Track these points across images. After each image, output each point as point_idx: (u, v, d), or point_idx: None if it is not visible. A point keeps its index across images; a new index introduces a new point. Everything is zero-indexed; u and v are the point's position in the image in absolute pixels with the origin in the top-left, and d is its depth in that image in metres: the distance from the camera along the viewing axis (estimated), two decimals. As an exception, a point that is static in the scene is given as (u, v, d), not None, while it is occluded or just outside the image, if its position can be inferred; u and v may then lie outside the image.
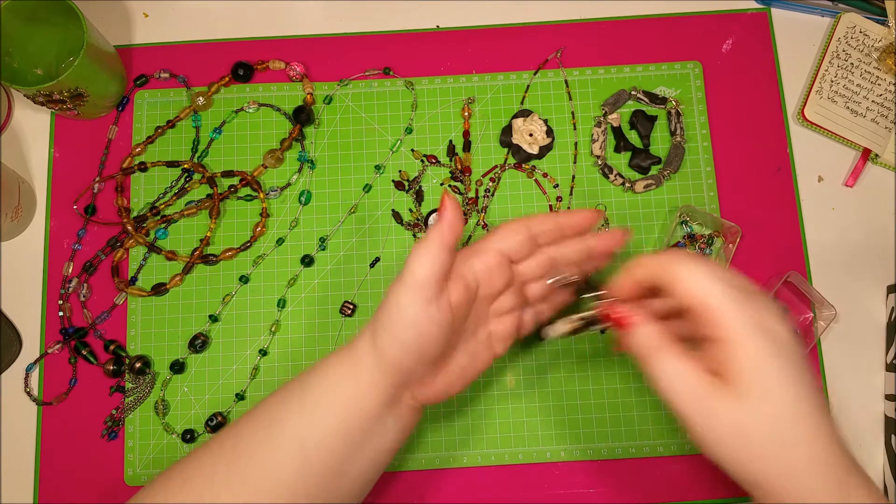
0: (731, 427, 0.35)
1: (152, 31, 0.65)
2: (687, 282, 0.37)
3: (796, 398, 0.35)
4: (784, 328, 0.36)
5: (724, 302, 0.36)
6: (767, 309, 0.36)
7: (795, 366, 0.35)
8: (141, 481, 0.57)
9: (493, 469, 0.57)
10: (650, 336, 0.38)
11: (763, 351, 0.35)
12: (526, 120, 0.62)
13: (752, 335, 0.35)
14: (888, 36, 0.63)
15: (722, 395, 0.35)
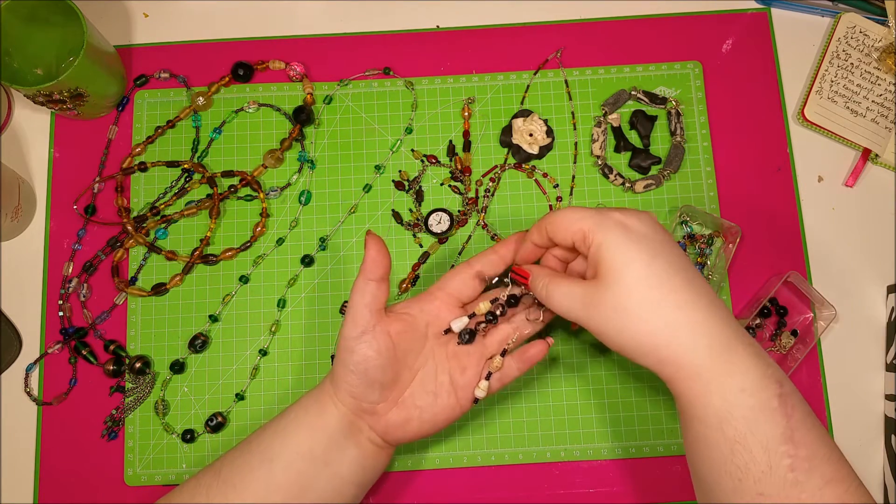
0: (612, 310, 0.42)
1: (152, 31, 0.65)
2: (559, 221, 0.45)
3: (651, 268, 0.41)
4: (640, 224, 0.42)
5: (587, 218, 0.43)
6: (625, 213, 0.43)
7: (649, 249, 0.41)
8: (141, 481, 0.57)
9: (493, 469, 0.57)
10: (542, 275, 0.46)
11: (616, 243, 0.42)
12: (526, 120, 0.62)
13: (608, 233, 0.42)
14: (888, 36, 0.63)
15: (598, 288, 0.42)
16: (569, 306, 0.44)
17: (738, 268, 0.60)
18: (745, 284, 0.60)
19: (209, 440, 0.57)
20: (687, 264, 0.42)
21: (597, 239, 0.42)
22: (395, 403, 0.48)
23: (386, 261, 0.48)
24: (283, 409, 0.58)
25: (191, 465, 0.57)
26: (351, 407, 0.48)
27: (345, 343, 0.47)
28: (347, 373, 0.47)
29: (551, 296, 0.45)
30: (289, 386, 0.58)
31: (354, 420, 0.48)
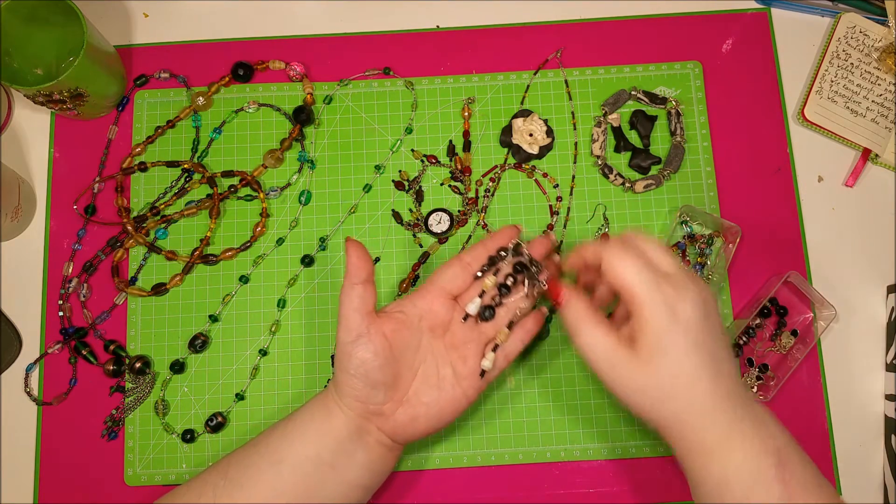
0: (634, 384, 0.43)
1: (152, 31, 0.65)
2: (613, 268, 0.44)
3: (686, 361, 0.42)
4: (691, 308, 0.43)
5: (638, 284, 0.43)
6: (676, 290, 0.43)
7: (691, 337, 0.42)
8: (141, 481, 0.57)
9: (493, 469, 0.57)
10: (577, 309, 0.46)
11: (663, 325, 0.42)
12: (526, 120, 0.62)
13: (656, 312, 0.43)
14: (888, 36, 0.63)
15: (630, 358, 0.43)
16: (593, 354, 0.44)
17: (738, 268, 0.60)
18: (745, 284, 0.60)
19: (209, 440, 0.57)
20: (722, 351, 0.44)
21: (643, 312, 0.43)
22: (401, 402, 0.48)
23: (368, 264, 0.48)
24: (283, 408, 0.58)
25: (191, 465, 0.57)
26: (357, 410, 0.48)
27: (341, 349, 0.47)
28: (349, 377, 0.47)
29: (579, 333, 0.45)
30: (289, 386, 0.58)
31: (362, 423, 0.48)
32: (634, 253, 0.44)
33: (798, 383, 0.58)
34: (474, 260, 0.51)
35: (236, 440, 0.57)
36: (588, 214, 0.61)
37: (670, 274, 0.44)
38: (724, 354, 0.44)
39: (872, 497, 0.57)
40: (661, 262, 0.45)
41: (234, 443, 0.57)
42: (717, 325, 0.45)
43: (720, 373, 0.43)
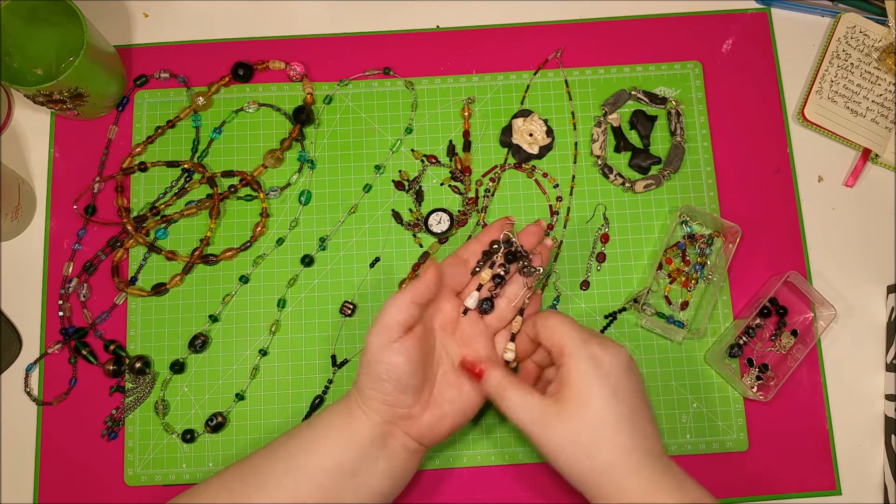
0: (563, 435, 0.44)
1: (152, 31, 0.65)
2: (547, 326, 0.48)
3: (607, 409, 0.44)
4: (611, 359, 0.45)
5: (567, 338, 0.46)
6: (602, 346, 0.46)
7: (612, 388, 0.45)
8: (141, 481, 0.57)
9: (493, 469, 0.57)
10: (498, 377, 0.48)
11: (587, 373, 0.45)
12: (526, 120, 0.62)
13: (581, 361, 0.45)
14: (888, 36, 0.63)
15: (555, 412, 0.45)
16: (523, 417, 0.46)
17: (738, 268, 0.60)
18: (745, 284, 0.60)
19: (209, 440, 0.57)
20: (641, 407, 0.46)
21: (570, 362, 0.46)
22: (428, 404, 0.49)
23: (435, 291, 0.49)
24: (283, 408, 0.58)
25: (191, 465, 0.57)
26: (384, 415, 0.48)
27: (373, 353, 0.47)
28: (379, 382, 0.47)
29: (507, 400, 0.47)
30: (289, 386, 0.58)
31: (387, 428, 0.48)
32: (564, 317, 0.48)
33: (798, 383, 0.58)
34: (471, 256, 0.53)
35: (236, 440, 0.57)
36: (588, 214, 0.61)
37: (595, 334, 0.48)
38: (645, 412, 0.46)
39: (872, 497, 0.57)
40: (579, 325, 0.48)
41: (234, 443, 0.57)
42: (637, 384, 0.47)
43: (641, 427, 0.45)
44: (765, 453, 0.57)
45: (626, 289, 0.60)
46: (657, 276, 0.59)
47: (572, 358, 0.46)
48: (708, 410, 0.58)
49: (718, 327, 0.59)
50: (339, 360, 0.59)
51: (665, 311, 0.59)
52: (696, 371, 0.58)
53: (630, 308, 0.59)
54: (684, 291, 0.59)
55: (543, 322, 0.48)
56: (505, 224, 0.54)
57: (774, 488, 0.56)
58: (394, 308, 0.47)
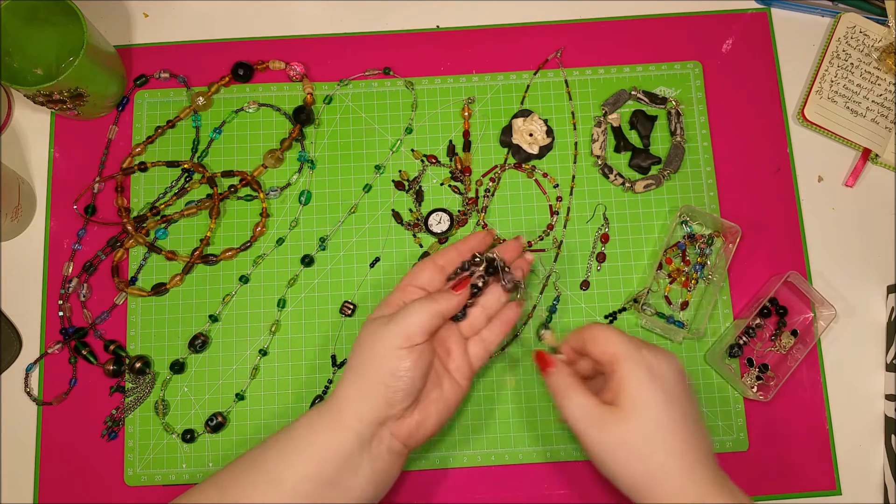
0: (616, 439, 0.45)
1: (152, 31, 0.65)
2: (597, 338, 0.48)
3: (662, 413, 0.45)
4: (664, 366, 0.46)
5: (621, 347, 0.47)
6: (654, 354, 0.47)
7: (666, 392, 0.46)
8: (141, 481, 0.57)
9: (493, 469, 0.57)
10: (561, 376, 0.49)
11: (641, 380, 0.46)
12: (526, 120, 0.62)
13: (636, 368, 0.46)
14: (888, 36, 0.63)
15: (610, 415, 0.46)
16: (580, 417, 0.47)
17: (738, 268, 0.60)
18: (745, 284, 0.60)
19: (209, 440, 0.57)
20: (694, 413, 0.47)
21: (624, 368, 0.46)
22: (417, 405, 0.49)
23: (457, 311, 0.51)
24: (283, 408, 0.58)
25: (191, 465, 0.57)
26: (376, 417, 0.47)
27: (387, 355, 0.47)
28: (390, 384, 0.47)
29: (567, 399, 0.48)
30: (289, 386, 0.58)
31: (375, 431, 0.47)
32: (613, 327, 0.49)
33: (798, 383, 0.58)
34: (448, 263, 0.53)
35: (236, 440, 0.57)
36: (588, 214, 0.61)
37: (646, 342, 0.49)
38: (696, 416, 0.47)
39: (872, 497, 0.57)
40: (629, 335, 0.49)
41: (234, 443, 0.57)
42: (689, 389, 0.48)
43: (694, 431, 0.46)
44: (765, 453, 0.57)
45: (626, 289, 0.60)
46: (657, 276, 0.59)
47: (627, 364, 0.46)
48: (708, 410, 0.58)
49: (718, 327, 0.59)
50: (339, 360, 0.59)
51: (665, 311, 0.59)
52: (696, 371, 0.58)
53: (630, 308, 0.59)
54: (684, 291, 0.59)
55: (592, 333, 0.49)
56: (485, 237, 0.54)
57: (774, 488, 0.57)
58: (423, 314, 0.48)
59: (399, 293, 0.51)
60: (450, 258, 0.53)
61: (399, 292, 0.51)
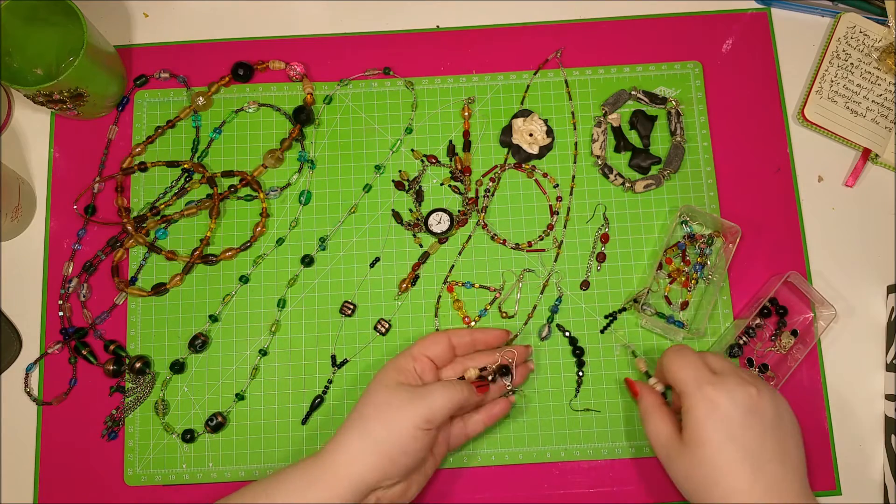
0: (679, 470, 0.48)
1: (152, 31, 0.65)
2: (668, 365, 0.50)
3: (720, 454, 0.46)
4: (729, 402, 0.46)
5: (685, 378, 0.48)
6: (719, 388, 0.47)
7: (727, 431, 0.46)
8: (141, 481, 0.57)
9: (493, 469, 0.57)
10: (647, 402, 0.52)
11: (701, 417, 0.47)
12: (526, 120, 0.62)
13: (697, 404, 0.47)
14: (888, 36, 0.63)
15: (677, 448, 0.48)
16: (654, 443, 0.50)
17: (738, 268, 0.60)
18: (745, 284, 0.60)
19: (209, 440, 0.57)
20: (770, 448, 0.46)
21: (687, 403, 0.48)
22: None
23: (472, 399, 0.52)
24: (283, 408, 0.57)
25: (191, 465, 0.57)
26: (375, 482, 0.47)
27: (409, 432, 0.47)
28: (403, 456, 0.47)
29: (647, 424, 0.51)
30: (289, 386, 0.58)
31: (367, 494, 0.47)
32: (688, 354, 0.50)
33: (798, 383, 0.58)
34: (461, 346, 0.54)
35: (236, 440, 0.57)
36: (588, 214, 0.61)
37: (717, 372, 0.49)
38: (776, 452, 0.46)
39: (872, 497, 0.57)
40: (713, 363, 0.50)
41: (234, 443, 0.57)
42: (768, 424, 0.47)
43: (762, 470, 0.46)
44: (765, 453, 0.57)
45: (626, 289, 0.60)
46: (657, 276, 0.59)
47: (689, 400, 0.47)
48: (708, 410, 0.58)
49: (718, 327, 0.59)
50: (339, 360, 0.59)
51: (665, 311, 0.59)
52: (696, 371, 0.58)
53: (630, 308, 0.59)
54: (684, 291, 0.59)
55: (667, 360, 0.50)
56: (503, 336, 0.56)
57: (774, 488, 0.56)
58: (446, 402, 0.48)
59: (410, 360, 0.52)
60: (464, 342, 0.54)
61: (410, 359, 0.52)
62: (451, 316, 0.59)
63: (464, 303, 0.60)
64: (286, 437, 0.57)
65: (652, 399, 0.52)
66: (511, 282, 0.60)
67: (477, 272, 0.60)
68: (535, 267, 0.60)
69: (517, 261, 0.60)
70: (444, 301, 0.60)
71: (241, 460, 0.57)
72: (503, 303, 0.60)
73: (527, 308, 0.59)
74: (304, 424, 0.58)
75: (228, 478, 0.57)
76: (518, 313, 0.59)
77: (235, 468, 0.57)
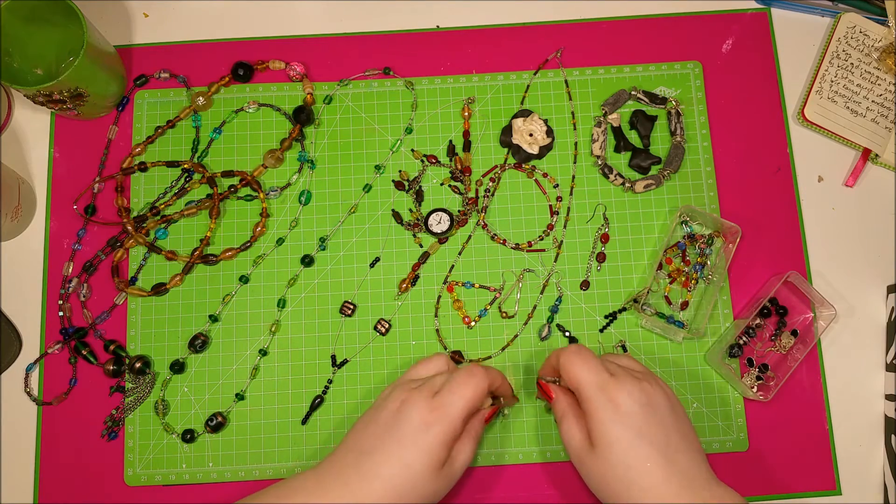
0: (594, 474, 0.47)
1: (152, 31, 0.65)
2: (567, 369, 0.48)
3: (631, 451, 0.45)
4: (630, 399, 0.46)
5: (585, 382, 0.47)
6: (619, 387, 0.46)
7: (635, 429, 0.45)
8: (141, 481, 0.57)
9: (493, 469, 0.57)
10: (559, 405, 0.51)
11: (606, 418, 0.46)
12: (526, 120, 0.62)
13: (600, 406, 0.46)
14: (888, 36, 0.63)
15: (588, 452, 0.47)
16: (569, 448, 0.49)
17: (738, 268, 0.60)
18: (745, 284, 0.60)
19: (209, 440, 0.57)
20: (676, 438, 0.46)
21: (589, 407, 0.47)
22: None
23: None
24: (283, 408, 0.57)
25: (191, 465, 0.57)
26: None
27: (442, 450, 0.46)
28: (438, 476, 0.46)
29: (561, 428, 0.50)
30: (289, 386, 0.58)
31: None
32: (586, 355, 0.49)
33: (798, 383, 0.58)
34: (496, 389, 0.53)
35: (236, 440, 0.57)
36: (588, 214, 0.61)
37: (615, 372, 0.48)
38: (680, 443, 0.46)
39: (872, 497, 0.57)
40: (608, 365, 0.49)
41: (234, 443, 0.57)
42: (666, 418, 0.47)
43: (673, 461, 0.45)
44: (765, 453, 0.57)
45: (626, 289, 0.60)
46: (657, 276, 0.59)
47: (591, 403, 0.47)
48: (708, 410, 0.58)
49: (718, 327, 0.59)
50: (339, 360, 0.59)
51: (665, 311, 0.59)
52: (696, 371, 0.58)
53: (630, 308, 0.59)
54: (684, 291, 0.59)
55: (565, 362, 0.49)
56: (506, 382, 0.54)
57: (774, 488, 0.57)
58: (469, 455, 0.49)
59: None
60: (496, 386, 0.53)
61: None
62: (451, 316, 0.59)
63: (464, 303, 0.60)
64: (286, 437, 0.57)
65: (565, 401, 0.50)
66: (511, 282, 0.60)
67: (477, 272, 0.60)
68: (535, 267, 0.60)
69: (517, 261, 0.60)
70: (444, 301, 0.60)
71: (241, 460, 0.57)
72: (503, 303, 0.60)
73: (527, 308, 0.59)
74: (304, 424, 0.58)
75: (228, 478, 0.57)
76: (518, 313, 0.59)
77: (235, 468, 0.57)
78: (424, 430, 0.46)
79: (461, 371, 0.49)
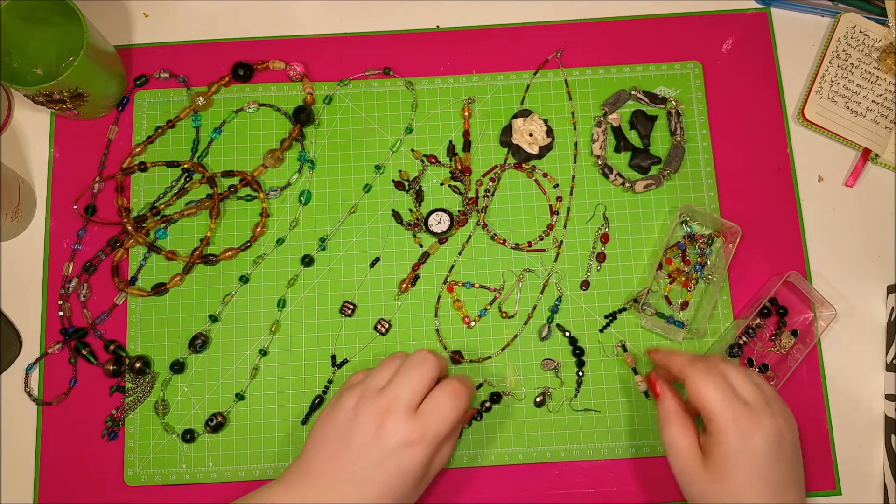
0: (699, 492, 0.47)
1: (152, 31, 0.65)
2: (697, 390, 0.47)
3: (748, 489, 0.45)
4: (763, 437, 0.45)
5: (718, 409, 0.46)
6: (753, 421, 0.46)
7: (757, 467, 0.45)
8: (141, 481, 0.57)
9: (493, 469, 0.57)
10: (668, 406, 0.49)
11: (734, 450, 0.45)
12: (526, 120, 0.62)
13: (730, 437, 0.45)
14: (888, 36, 0.63)
15: (700, 468, 0.47)
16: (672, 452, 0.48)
17: (738, 268, 0.60)
18: (745, 284, 0.60)
19: (209, 440, 0.57)
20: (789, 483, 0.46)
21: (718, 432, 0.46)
22: None
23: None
24: (283, 408, 0.57)
25: (191, 465, 0.57)
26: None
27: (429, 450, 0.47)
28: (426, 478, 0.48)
29: (667, 430, 0.49)
30: (289, 386, 0.58)
31: None
32: (717, 378, 0.47)
33: (798, 383, 0.58)
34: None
35: (236, 440, 0.57)
36: (588, 214, 0.61)
37: (749, 403, 0.47)
38: (791, 478, 0.46)
39: (872, 497, 0.57)
40: (742, 389, 0.48)
41: (234, 443, 0.57)
42: (788, 457, 0.47)
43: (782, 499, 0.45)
44: (765, 453, 0.57)
45: (626, 289, 0.60)
46: (657, 276, 0.59)
47: (721, 431, 0.46)
48: (708, 410, 0.58)
49: (718, 327, 0.59)
50: (338, 360, 0.59)
51: (665, 311, 0.59)
52: (696, 371, 0.58)
53: (630, 308, 0.59)
54: (684, 291, 0.59)
55: (692, 381, 0.47)
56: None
57: (774, 488, 0.56)
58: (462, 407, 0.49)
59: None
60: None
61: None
62: (451, 316, 0.59)
63: (464, 303, 0.60)
64: (286, 437, 0.57)
65: (674, 404, 0.49)
66: (511, 282, 0.60)
67: (477, 272, 0.60)
68: (535, 267, 0.60)
69: (517, 261, 0.60)
70: (444, 301, 0.60)
71: (241, 460, 0.57)
72: (503, 303, 0.60)
73: (527, 308, 0.59)
74: (304, 424, 0.58)
75: (228, 478, 0.57)
76: (518, 313, 0.59)
77: (235, 468, 0.57)
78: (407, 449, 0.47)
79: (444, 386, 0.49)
